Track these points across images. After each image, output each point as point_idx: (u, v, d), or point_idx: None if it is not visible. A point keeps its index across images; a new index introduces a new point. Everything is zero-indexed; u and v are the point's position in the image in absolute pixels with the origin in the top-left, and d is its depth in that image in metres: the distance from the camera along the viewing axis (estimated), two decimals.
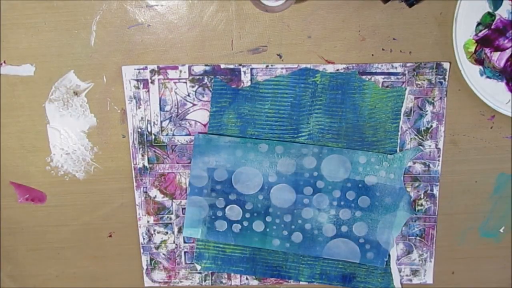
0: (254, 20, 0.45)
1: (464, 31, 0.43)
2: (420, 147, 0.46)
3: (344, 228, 0.48)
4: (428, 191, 0.47)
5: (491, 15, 0.43)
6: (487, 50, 0.44)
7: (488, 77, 0.44)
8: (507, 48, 0.44)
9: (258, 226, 0.48)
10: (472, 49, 0.44)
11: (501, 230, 0.49)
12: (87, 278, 0.51)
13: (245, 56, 0.45)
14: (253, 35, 0.45)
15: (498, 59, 0.44)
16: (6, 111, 0.47)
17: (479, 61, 0.44)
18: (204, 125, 0.47)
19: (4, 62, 0.46)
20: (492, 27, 0.43)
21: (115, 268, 0.50)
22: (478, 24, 0.43)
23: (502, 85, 0.44)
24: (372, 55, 0.45)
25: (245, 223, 0.48)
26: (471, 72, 0.44)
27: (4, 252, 0.50)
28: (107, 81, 0.46)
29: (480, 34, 0.43)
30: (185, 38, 0.45)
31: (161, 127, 0.47)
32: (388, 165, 0.46)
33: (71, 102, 0.47)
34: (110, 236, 0.50)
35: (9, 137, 0.47)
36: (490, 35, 0.43)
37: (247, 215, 0.48)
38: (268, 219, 0.48)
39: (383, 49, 0.45)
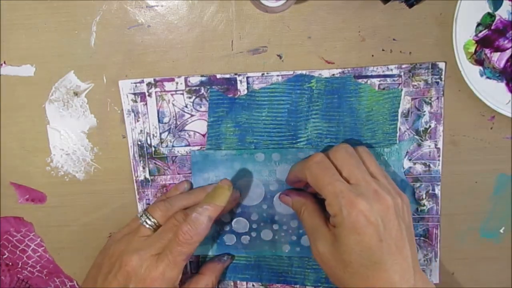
0: (254, 20, 0.45)
1: (464, 31, 0.43)
2: (416, 137, 0.46)
3: None
4: (430, 191, 0.47)
5: (491, 15, 0.43)
6: (487, 51, 0.44)
7: (488, 77, 0.44)
8: (507, 49, 0.44)
9: (267, 235, 0.48)
10: (472, 49, 0.44)
11: (501, 231, 0.49)
12: None
13: (245, 56, 0.45)
14: (253, 35, 0.45)
15: (498, 59, 0.44)
16: (6, 112, 0.47)
17: (479, 61, 0.44)
18: (203, 135, 0.47)
19: (4, 62, 0.46)
20: (492, 27, 0.43)
21: None
22: (478, 24, 0.43)
23: (502, 86, 0.44)
24: (372, 55, 0.45)
25: (253, 234, 0.48)
26: (471, 72, 0.44)
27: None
28: (107, 82, 0.46)
29: (480, 34, 0.43)
30: (185, 39, 0.45)
31: (161, 139, 0.47)
32: (386, 159, 0.46)
33: (71, 102, 0.47)
34: (110, 237, 0.50)
35: (9, 137, 0.47)
36: (490, 35, 0.43)
37: (254, 226, 0.48)
38: (275, 226, 0.48)
39: (383, 50, 0.45)
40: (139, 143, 0.47)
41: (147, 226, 0.42)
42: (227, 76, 0.46)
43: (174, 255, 0.39)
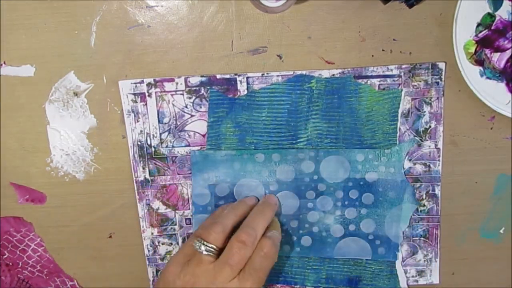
0: (254, 20, 0.45)
1: (464, 31, 0.43)
2: (416, 137, 0.46)
3: (351, 227, 0.48)
4: (430, 191, 0.47)
5: (491, 15, 0.43)
6: (487, 51, 0.44)
7: (488, 78, 0.44)
8: (507, 49, 0.44)
9: None
10: (472, 50, 0.44)
11: (501, 231, 0.49)
12: (87, 279, 0.51)
13: (245, 57, 0.45)
14: (253, 35, 0.45)
15: (498, 60, 0.44)
16: (6, 112, 0.47)
17: (479, 62, 0.44)
18: (203, 136, 0.47)
19: (4, 62, 0.46)
20: (492, 27, 0.43)
21: (115, 269, 0.50)
22: (478, 24, 0.43)
23: (502, 86, 0.44)
24: (372, 55, 0.45)
25: None
26: (471, 73, 0.44)
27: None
28: (107, 82, 0.46)
29: (480, 35, 0.43)
30: (185, 39, 0.45)
31: (161, 139, 0.47)
32: (387, 160, 0.46)
33: (71, 103, 0.47)
34: (110, 237, 0.50)
35: (9, 137, 0.47)
36: (490, 36, 0.43)
37: None
38: None
39: (383, 50, 0.45)
40: (139, 143, 0.47)
41: (206, 252, 0.40)
42: (227, 76, 0.46)
43: (260, 271, 0.40)
